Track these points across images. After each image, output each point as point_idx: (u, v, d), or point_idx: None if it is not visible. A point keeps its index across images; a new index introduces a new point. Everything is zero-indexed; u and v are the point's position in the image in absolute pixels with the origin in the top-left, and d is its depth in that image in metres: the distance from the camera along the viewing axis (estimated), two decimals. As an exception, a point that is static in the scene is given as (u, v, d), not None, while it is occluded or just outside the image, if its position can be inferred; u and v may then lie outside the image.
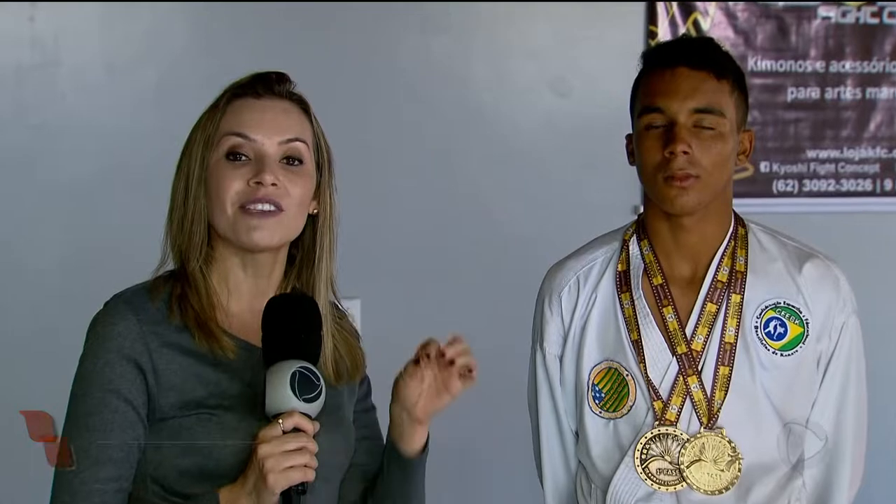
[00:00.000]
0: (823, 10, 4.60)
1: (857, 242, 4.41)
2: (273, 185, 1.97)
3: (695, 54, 2.31)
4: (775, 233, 2.44)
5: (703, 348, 2.31)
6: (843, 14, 4.61)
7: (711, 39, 2.40)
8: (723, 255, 2.36)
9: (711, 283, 2.34)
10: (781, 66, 4.59)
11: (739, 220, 2.42)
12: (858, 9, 4.61)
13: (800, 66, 4.61)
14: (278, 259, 2.05)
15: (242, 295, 2.03)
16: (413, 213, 4.25)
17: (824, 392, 2.36)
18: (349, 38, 4.18)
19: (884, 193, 4.70)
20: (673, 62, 2.30)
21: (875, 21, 4.63)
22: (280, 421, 1.82)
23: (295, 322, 1.90)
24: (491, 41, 4.32)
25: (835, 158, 4.64)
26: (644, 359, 2.32)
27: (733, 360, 2.31)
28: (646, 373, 2.31)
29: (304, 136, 2.03)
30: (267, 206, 1.97)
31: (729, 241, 2.37)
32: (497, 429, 3.76)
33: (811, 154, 4.63)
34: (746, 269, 2.36)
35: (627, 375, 2.32)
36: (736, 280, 2.35)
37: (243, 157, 1.99)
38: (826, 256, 2.42)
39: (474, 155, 4.28)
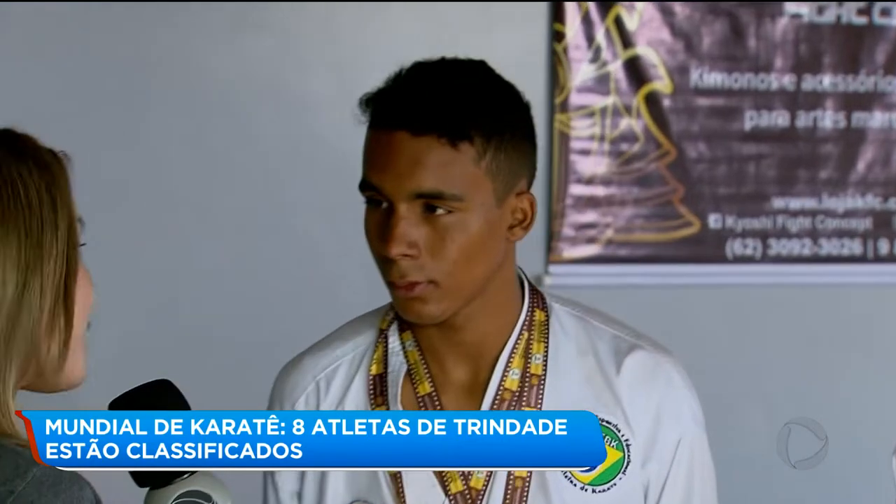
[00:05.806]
0: (792, 6, 4.54)
1: (842, 325, 4.40)
2: None
3: (421, 110, 2.13)
4: (589, 314, 2.32)
5: (486, 485, 2.22)
6: (820, 11, 4.57)
7: (460, 74, 2.18)
8: (511, 354, 2.26)
9: (497, 394, 2.24)
10: (736, 80, 4.60)
11: (537, 301, 2.30)
12: (840, 4, 4.59)
13: (762, 82, 4.62)
14: None
15: None
16: (220, 258, 4.36)
17: None
18: (141, 37, 4.28)
19: (878, 259, 4.69)
20: (392, 123, 2.14)
21: (863, 21, 4.59)
22: None
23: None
24: (332, 48, 4.39)
25: (811, 210, 4.66)
26: (405, 500, 2.23)
27: (525, 500, 2.21)
28: (408, 519, 2.26)
29: None
30: None
31: (520, 334, 2.27)
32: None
33: (778, 203, 4.63)
34: (545, 371, 2.27)
35: (384, 523, 2.29)
36: (530, 388, 2.26)
37: None
38: (656, 347, 2.29)
39: (309, 189, 4.40)
